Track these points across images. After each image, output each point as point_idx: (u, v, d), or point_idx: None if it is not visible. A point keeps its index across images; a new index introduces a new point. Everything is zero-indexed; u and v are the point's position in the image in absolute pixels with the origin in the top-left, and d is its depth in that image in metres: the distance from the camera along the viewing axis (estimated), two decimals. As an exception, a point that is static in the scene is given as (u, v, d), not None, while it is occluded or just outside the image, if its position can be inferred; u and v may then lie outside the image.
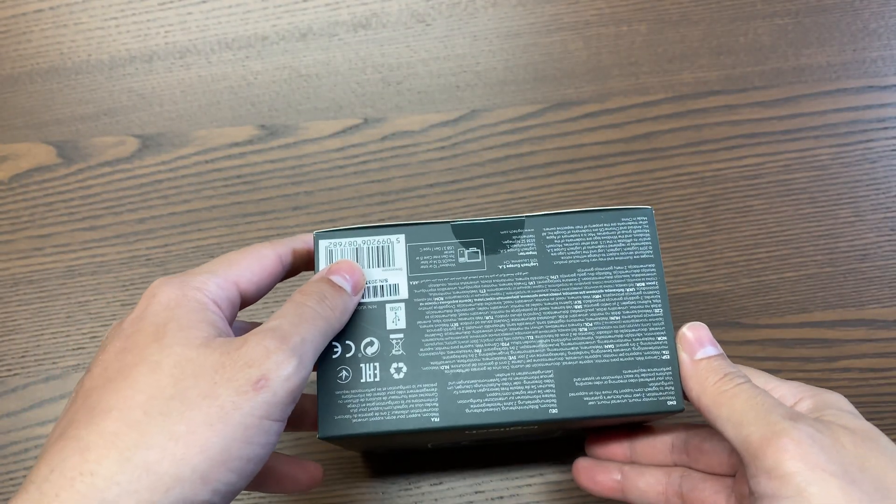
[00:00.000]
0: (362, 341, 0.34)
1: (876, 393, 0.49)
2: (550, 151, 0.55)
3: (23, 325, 0.52)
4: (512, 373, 0.34)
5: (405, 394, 0.34)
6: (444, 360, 0.34)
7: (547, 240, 0.36)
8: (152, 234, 0.53)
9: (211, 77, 0.57)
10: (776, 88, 0.56)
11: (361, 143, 0.55)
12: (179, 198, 0.54)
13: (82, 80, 0.57)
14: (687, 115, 0.56)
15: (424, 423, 0.33)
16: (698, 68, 0.57)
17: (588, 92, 0.56)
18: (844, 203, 0.53)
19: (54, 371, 0.51)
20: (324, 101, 0.56)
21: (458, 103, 0.56)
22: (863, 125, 0.55)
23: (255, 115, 0.56)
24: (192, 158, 0.55)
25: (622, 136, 0.55)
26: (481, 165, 0.55)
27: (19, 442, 0.49)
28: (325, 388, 0.34)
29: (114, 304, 0.52)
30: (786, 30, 0.58)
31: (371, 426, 0.33)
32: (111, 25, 0.58)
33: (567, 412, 0.34)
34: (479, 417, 0.33)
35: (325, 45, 0.58)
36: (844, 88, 0.56)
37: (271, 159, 0.55)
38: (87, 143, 0.55)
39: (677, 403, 0.34)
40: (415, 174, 0.54)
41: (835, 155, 0.55)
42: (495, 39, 0.58)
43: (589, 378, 0.34)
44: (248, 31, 0.58)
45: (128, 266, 0.53)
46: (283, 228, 0.53)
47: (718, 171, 0.54)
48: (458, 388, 0.34)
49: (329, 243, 0.36)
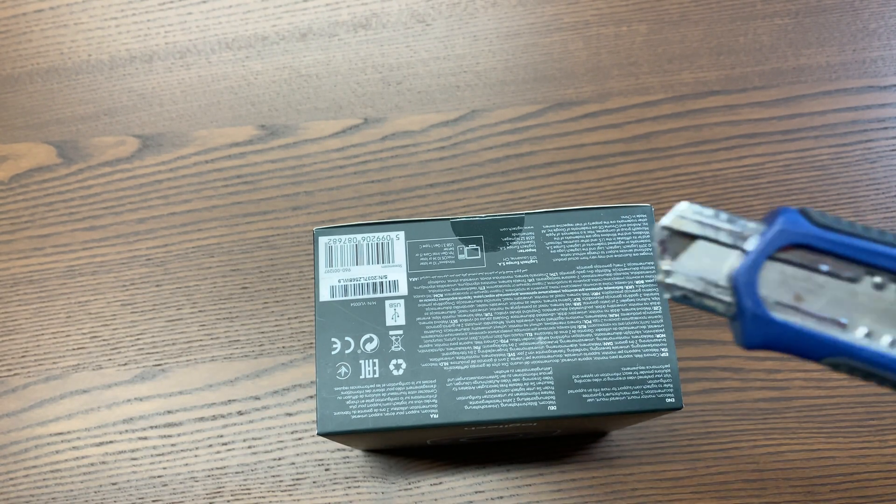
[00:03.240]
0: (362, 338, 0.34)
1: (875, 393, 0.49)
2: (550, 151, 0.55)
3: (23, 325, 0.52)
4: (511, 370, 0.34)
5: (404, 390, 0.34)
6: (444, 357, 0.34)
7: (546, 237, 0.36)
8: (152, 233, 0.53)
9: (211, 77, 0.57)
10: (776, 88, 0.56)
11: (361, 143, 0.55)
12: (179, 198, 0.54)
13: (82, 80, 0.57)
14: (687, 115, 0.56)
15: (423, 419, 0.33)
16: (698, 68, 0.57)
17: (588, 92, 0.56)
18: (844, 203, 0.53)
19: (54, 371, 0.51)
20: (324, 101, 0.56)
21: (458, 103, 0.56)
22: (862, 125, 0.55)
23: (255, 115, 0.56)
24: (192, 158, 0.55)
25: (622, 136, 0.55)
26: (481, 165, 0.55)
27: (19, 442, 0.49)
28: (324, 384, 0.34)
29: (114, 304, 0.52)
30: (786, 30, 0.58)
31: (370, 422, 0.33)
32: (111, 25, 0.58)
33: (566, 409, 0.34)
34: (478, 414, 0.33)
35: (326, 45, 0.58)
36: (844, 88, 0.56)
37: (271, 159, 0.55)
38: (87, 143, 0.55)
39: (676, 401, 0.34)
40: (415, 174, 0.54)
41: (834, 155, 0.55)
42: (495, 39, 0.58)
43: (588, 375, 0.34)
44: (248, 32, 0.58)
45: (128, 266, 0.53)
46: (283, 228, 0.53)
47: (718, 172, 0.54)
48: (458, 385, 0.34)
49: (329, 240, 0.36)
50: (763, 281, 0.22)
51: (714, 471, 0.48)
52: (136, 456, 0.49)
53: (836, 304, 0.21)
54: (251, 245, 0.53)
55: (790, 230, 0.21)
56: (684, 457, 0.48)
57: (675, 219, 0.22)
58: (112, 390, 0.50)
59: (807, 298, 0.22)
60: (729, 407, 0.49)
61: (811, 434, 0.49)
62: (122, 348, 0.51)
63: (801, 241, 0.21)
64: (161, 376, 0.50)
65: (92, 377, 0.50)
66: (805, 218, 0.21)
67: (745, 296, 0.22)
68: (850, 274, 0.21)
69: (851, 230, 0.21)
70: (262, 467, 0.49)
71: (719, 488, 0.48)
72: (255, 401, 0.50)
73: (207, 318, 0.51)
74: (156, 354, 0.51)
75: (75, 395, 0.50)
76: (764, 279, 0.22)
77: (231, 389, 0.50)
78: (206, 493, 0.48)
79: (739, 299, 0.22)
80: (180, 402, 0.50)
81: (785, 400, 0.49)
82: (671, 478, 0.48)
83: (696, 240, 0.22)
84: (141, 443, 0.49)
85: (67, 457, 0.49)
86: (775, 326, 0.21)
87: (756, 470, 0.48)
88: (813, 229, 0.21)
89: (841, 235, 0.21)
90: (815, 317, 0.22)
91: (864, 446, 0.48)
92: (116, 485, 0.48)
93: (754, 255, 0.22)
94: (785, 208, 0.22)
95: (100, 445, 0.49)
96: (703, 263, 0.22)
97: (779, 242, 0.21)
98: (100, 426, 0.50)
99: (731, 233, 0.22)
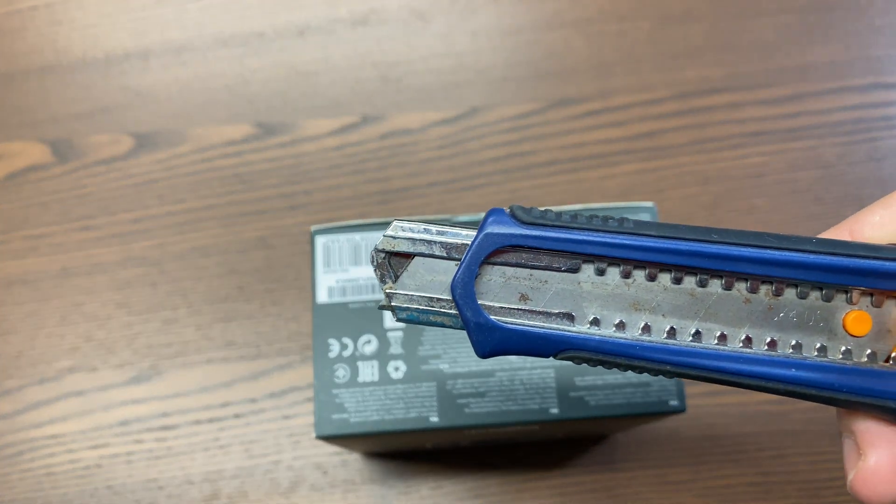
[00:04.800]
0: (360, 339, 0.34)
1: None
2: (552, 150, 0.54)
3: (17, 327, 0.51)
4: (512, 371, 0.33)
5: (403, 392, 0.33)
6: (443, 359, 0.34)
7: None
8: (148, 233, 0.53)
9: (207, 74, 0.56)
10: (781, 86, 0.56)
11: (360, 141, 0.55)
12: (175, 197, 0.54)
13: (77, 77, 0.56)
14: (690, 113, 0.55)
15: (423, 422, 0.33)
16: (702, 66, 0.56)
17: (590, 89, 0.56)
18: (849, 202, 0.53)
19: (49, 373, 0.50)
20: (322, 99, 0.56)
21: (458, 101, 0.56)
22: (868, 123, 0.55)
23: (252, 112, 0.55)
24: (188, 157, 0.54)
25: (625, 134, 0.55)
26: (481, 164, 0.54)
27: (14, 444, 0.49)
28: (322, 387, 0.33)
29: (109, 305, 0.51)
30: (790, 27, 0.57)
31: (369, 425, 0.33)
32: (106, 22, 0.58)
33: (568, 412, 0.33)
34: (479, 417, 0.33)
35: (323, 41, 0.57)
36: (849, 86, 0.56)
37: (268, 158, 0.54)
38: (82, 141, 0.55)
39: (679, 404, 0.34)
40: (414, 173, 0.54)
41: (840, 153, 0.54)
42: (496, 36, 0.57)
43: (590, 377, 0.34)
44: (245, 28, 0.57)
45: (123, 266, 0.52)
46: (280, 228, 0.53)
47: (722, 170, 0.54)
48: (458, 387, 0.33)
49: (327, 240, 0.35)
50: (485, 286, 0.22)
51: (718, 474, 0.48)
52: (132, 459, 0.48)
53: (562, 297, 0.21)
54: (248, 245, 0.52)
55: (495, 233, 0.21)
56: (688, 460, 0.48)
57: (385, 240, 0.22)
58: (107, 392, 0.50)
59: (532, 297, 0.21)
60: (733, 410, 0.49)
61: (816, 437, 0.48)
62: (118, 350, 0.50)
63: (509, 243, 0.21)
64: (157, 378, 0.50)
65: (87, 379, 0.50)
66: (512, 218, 0.21)
67: (464, 307, 0.21)
68: (569, 265, 0.21)
69: (559, 222, 0.21)
70: (259, 471, 0.48)
71: (723, 492, 0.47)
72: (251, 403, 0.49)
73: (204, 319, 0.51)
74: (151, 356, 0.50)
75: (70, 397, 0.50)
76: (485, 285, 0.22)
77: (227, 392, 0.49)
78: (203, 496, 0.48)
79: (460, 311, 0.21)
80: (176, 404, 0.49)
81: (790, 403, 0.49)
82: (674, 481, 0.47)
83: (413, 257, 0.22)
84: (136, 446, 0.49)
85: (62, 460, 0.49)
86: (501, 332, 0.21)
87: (760, 473, 0.48)
88: (519, 228, 0.21)
89: (549, 230, 0.21)
90: (542, 314, 0.21)
91: (871, 449, 0.48)
92: (112, 488, 0.48)
93: (465, 264, 0.21)
94: (493, 210, 0.21)
95: (95, 448, 0.49)
96: (423, 280, 0.22)
97: (487, 248, 0.21)
98: (95, 429, 0.49)
99: (444, 244, 0.22)
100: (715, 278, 0.21)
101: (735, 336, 0.21)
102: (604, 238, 0.21)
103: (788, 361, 0.20)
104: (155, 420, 0.49)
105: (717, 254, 0.20)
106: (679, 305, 0.21)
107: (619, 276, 0.21)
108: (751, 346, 0.21)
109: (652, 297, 0.21)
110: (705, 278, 0.21)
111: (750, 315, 0.21)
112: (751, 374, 0.20)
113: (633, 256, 0.21)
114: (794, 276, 0.20)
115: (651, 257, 0.21)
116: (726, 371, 0.20)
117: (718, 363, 0.20)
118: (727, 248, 0.20)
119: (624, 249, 0.21)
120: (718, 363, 0.20)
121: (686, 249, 0.20)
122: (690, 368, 0.21)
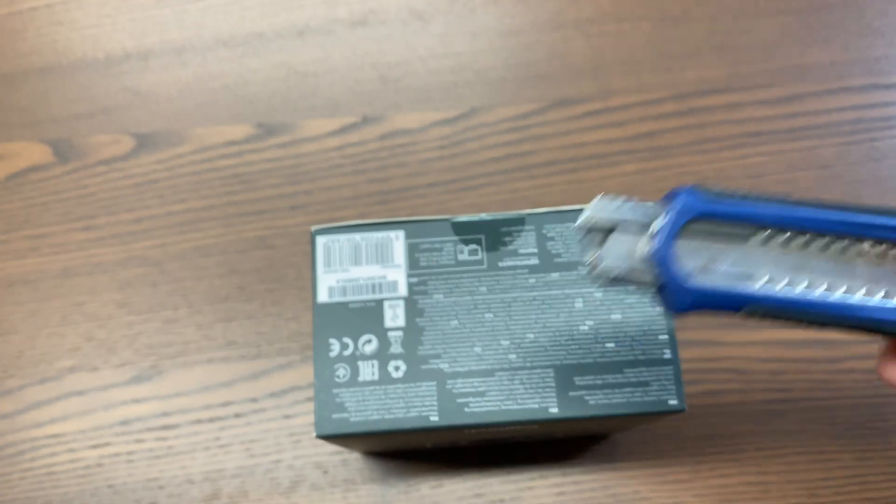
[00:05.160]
0: (360, 339, 0.34)
1: (879, 395, 0.49)
2: (551, 150, 0.54)
3: (18, 326, 0.51)
4: (512, 371, 0.34)
5: (404, 392, 0.33)
6: (444, 359, 0.34)
7: (548, 237, 0.35)
8: (149, 233, 0.53)
9: (207, 75, 0.56)
10: (780, 87, 0.56)
11: (360, 141, 0.55)
12: (176, 197, 0.54)
13: (78, 78, 0.57)
14: (690, 113, 0.55)
15: (423, 421, 0.33)
16: (701, 66, 0.56)
17: (590, 90, 0.56)
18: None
19: (50, 372, 0.50)
20: (321, 99, 0.56)
21: (458, 101, 0.56)
22: (867, 124, 0.55)
23: (252, 113, 0.56)
24: (188, 157, 0.55)
25: (624, 134, 0.55)
26: (481, 164, 0.54)
27: (14, 444, 0.49)
28: (322, 386, 0.33)
29: (110, 305, 0.51)
30: (789, 28, 0.57)
31: (369, 425, 0.33)
32: (107, 23, 0.58)
33: (567, 411, 0.33)
34: (479, 416, 0.33)
35: (323, 42, 0.57)
36: (848, 87, 0.56)
37: (269, 158, 0.54)
38: (82, 141, 0.55)
39: (679, 403, 0.33)
40: (414, 173, 0.54)
41: (839, 154, 0.54)
42: (495, 37, 0.57)
43: (590, 377, 0.34)
44: (244, 29, 0.57)
45: (124, 266, 0.52)
46: (280, 228, 0.53)
47: (721, 170, 0.54)
48: (458, 387, 0.33)
49: (327, 240, 0.35)
50: (676, 254, 0.25)
51: (717, 473, 0.48)
52: (133, 458, 0.48)
53: (739, 261, 0.25)
54: (248, 245, 0.52)
55: (689, 207, 0.25)
56: (687, 459, 0.48)
57: (589, 215, 0.26)
58: (108, 392, 0.50)
59: (716, 261, 0.25)
60: (732, 409, 0.49)
61: (815, 436, 0.48)
62: (119, 349, 0.50)
63: (701, 214, 0.25)
64: (157, 378, 0.50)
65: (88, 379, 0.50)
66: (700, 194, 0.25)
67: (664, 270, 0.25)
68: (744, 234, 0.25)
69: (738, 196, 0.25)
70: (259, 470, 0.48)
71: (722, 491, 0.47)
72: (252, 403, 0.49)
73: (204, 319, 0.51)
74: (152, 356, 0.50)
75: (71, 396, 0.50)
76: (677, 252, 0.25)
77: (228, 391, 0.49)
78: (203, 495, 0.48)
79: (661, 273, 0.25)
80: (177, 404, 0.49)
81: (789, 402, 0.49)
82: (674, 480, 0.48)
83: (612, 230, 0.26)
84: (137, 445, 0.49)
85: (63, 459, 0.49)
86: (696, 291, 0.25)
87: (759, 472, 0.48)
88: (708, 203, 0.25)
89: (730, 204, 0.25)
90: (726, 275, 0.25)
91: (869, 448, 0.48)
92: (112, 487, 0.48)
93: (664, 232, 0.25)
94: (681, 187, 0.25)
95: (95, 448, 0.49)
96: (623, 249, 0.26)
97: (683, 218, 0.25)
98: (96, 428, 0.49)
99: (639, 219, 0.26)
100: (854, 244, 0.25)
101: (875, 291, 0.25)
102: (774, 210, 0.25)
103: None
104: (156, 419, 0.49)
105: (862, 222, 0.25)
106: (829, 269, 0.25)
107: (781, 243, 0.25)
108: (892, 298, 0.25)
109: (807, 262, 0.25)
110: (843, 244, 0.25)
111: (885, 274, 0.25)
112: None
113: (797, 225, 0.25)
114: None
115: (809, 225, 0.25)
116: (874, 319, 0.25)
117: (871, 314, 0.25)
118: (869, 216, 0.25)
119: (789, 220, 0.25)
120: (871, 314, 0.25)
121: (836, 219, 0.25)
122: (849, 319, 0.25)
